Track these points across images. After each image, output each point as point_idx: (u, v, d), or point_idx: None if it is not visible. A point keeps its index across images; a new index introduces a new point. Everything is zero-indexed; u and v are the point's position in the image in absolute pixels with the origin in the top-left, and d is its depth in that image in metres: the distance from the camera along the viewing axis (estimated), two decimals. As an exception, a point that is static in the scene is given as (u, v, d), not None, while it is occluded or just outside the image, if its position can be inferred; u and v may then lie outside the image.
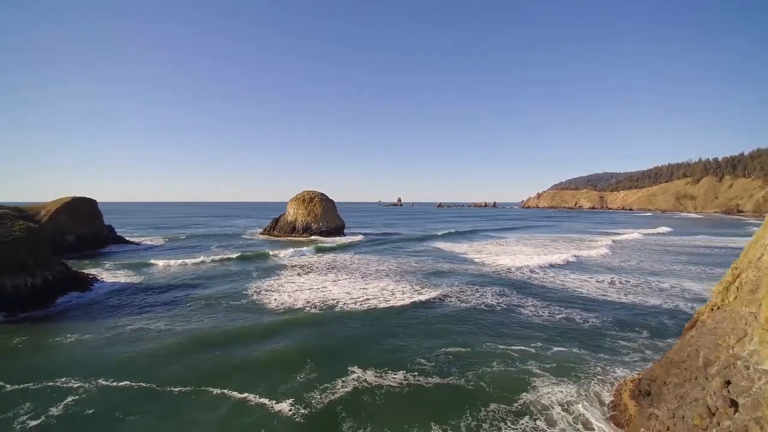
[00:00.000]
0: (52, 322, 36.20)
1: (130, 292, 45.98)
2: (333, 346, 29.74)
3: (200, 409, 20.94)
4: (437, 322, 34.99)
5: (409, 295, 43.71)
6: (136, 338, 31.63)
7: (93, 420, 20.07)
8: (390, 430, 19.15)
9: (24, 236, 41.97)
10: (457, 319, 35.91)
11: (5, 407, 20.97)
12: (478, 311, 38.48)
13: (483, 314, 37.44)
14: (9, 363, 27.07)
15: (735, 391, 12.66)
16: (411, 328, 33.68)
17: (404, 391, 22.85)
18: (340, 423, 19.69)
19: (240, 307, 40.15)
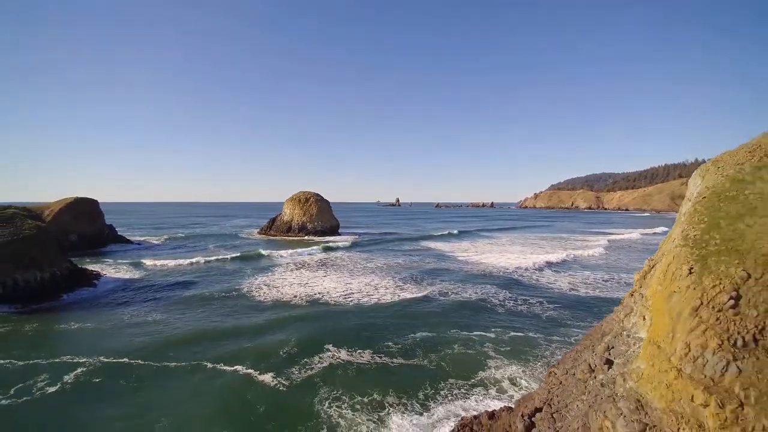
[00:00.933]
0: (59, 312, 39.52)
1: (131, 288, 49.29)
2: (314, 331, 33.12)
3: (195, 380, 24.45)
4: (411, 314, 38.35)
5: (391, 291, 47.06)
6: (136, 326, 35.02)
7: (101, 386, 23.75)
8: (357, 395, 22.59)
9: (33, 234, 45.32)
10: (430, 310, 39.31)
11: (25, 377, 24.55)
12: (451, 303, 41.86)
13: (454, 306, 40.82)
14: (24, 344, 30.55)
15: (614, 354, 16.01)
16: (386, 318, 37.06)
17: (372, 367, 26.27)
18: (316, 389, 23.20)
19: (233, 300, 43.53)
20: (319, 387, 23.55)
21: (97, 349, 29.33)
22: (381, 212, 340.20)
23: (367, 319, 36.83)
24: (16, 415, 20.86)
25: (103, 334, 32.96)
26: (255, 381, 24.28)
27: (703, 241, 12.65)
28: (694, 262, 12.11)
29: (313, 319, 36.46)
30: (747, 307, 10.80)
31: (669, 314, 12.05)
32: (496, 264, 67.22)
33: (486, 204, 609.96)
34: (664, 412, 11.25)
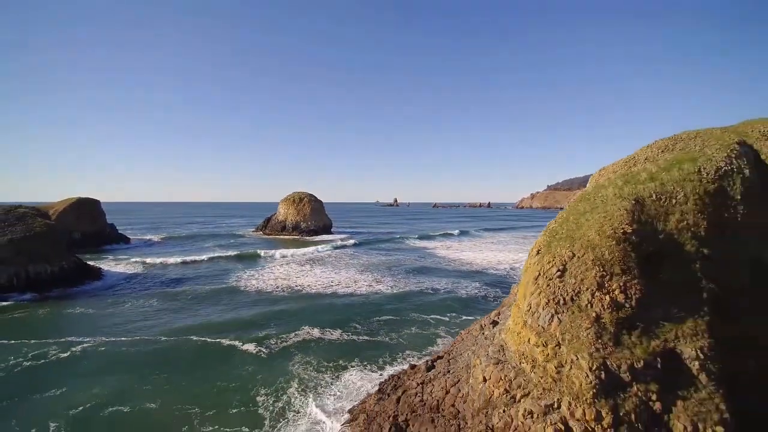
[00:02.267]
0: (67, 300, 43.90)
1: (131, 281, 53.66)
2: (292, 314, 37.64)
3: (185, 350, 29.02)
4: (381, 302, 42.80)
5: (367, 284, 51.53)
6: (134, 312, 39.49)
7: (104, 354, 28.63)
8: (325, 361, 27.18)
9: (44, 231, 49.73)
10: (398, 299, 43.78)
11: (40, 347, 29.36)
12: (419, 294, 46.35)
13: (421, 296, 45.34)
14: (37, 324, 35.18)
15: (501, 318, 20.47)
16: (358, 305, 41.57)
17: (341, 342, 30.80)
18: (291, 356, 27.78)
19: (223, 291, 48.00)
20: (294, 355, 28.11)
21: (101, 330, 33.89)
22: (378, 212, 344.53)
23: (341, 306, 41.31)
24: (35, 371, 25.70)
25: (105, 318, 37.42)
26: (239, 349, 28.93)
27: (555, 231, 17.17)
28: (543, 246, 16.64)
29: (292, 306, 40.95)
30: (569, 277, 15.33)
31: (524, 284, 16.56)
32: (472, 261, 71.65)
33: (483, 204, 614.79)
34: (514, 352, 15.78)
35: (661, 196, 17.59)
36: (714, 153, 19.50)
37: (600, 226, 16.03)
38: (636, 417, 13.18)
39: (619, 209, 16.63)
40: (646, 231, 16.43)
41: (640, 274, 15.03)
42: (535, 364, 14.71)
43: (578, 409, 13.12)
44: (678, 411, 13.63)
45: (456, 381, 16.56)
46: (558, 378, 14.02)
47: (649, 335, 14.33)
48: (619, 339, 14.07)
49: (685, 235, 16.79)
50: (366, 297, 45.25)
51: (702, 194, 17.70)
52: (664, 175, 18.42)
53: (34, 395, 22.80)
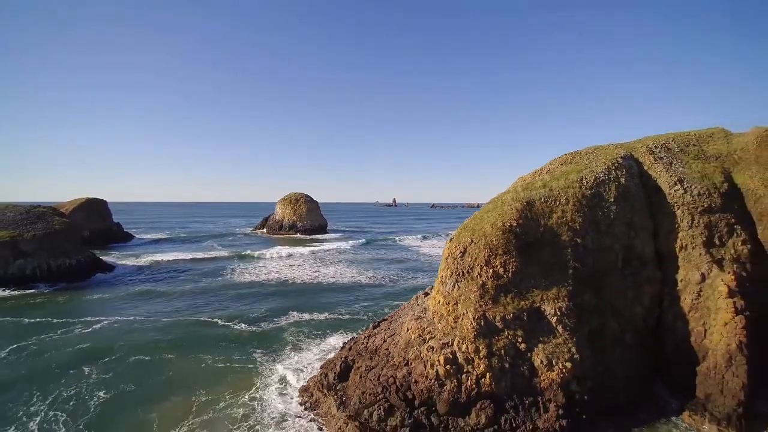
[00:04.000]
0: (84, 290, 49.81)
1: (139, 274, 59.59)
2: (283, 302, 43.52)
3: (191, 326, 35.00)
4: (361, 291, 48.78)
5: (351, 276, 57.54)
6: (142, 298, 45.50)
7: (120, 329, 34.70)
8: (314, 331, 33.37)
9: (62, 229, 55.68)
10: (377, 289, 49.82)
11: (65, 326, 35.30)
12: (396, 284, 52.40)
13: (397, 286, 51.38)
14: (60, 308, 41.19)
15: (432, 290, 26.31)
16: (343, 293, 47.54)
17: (327, 322, 36.55)
18: (283, 332, 33.56)
19: (221, 282, 54.01)
20: (285, 331, 33.97)
21: (115, 312, 39.91)
22: (375, 212, 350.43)
23: (326, 293, 47.37)
24: (64, 340, 31.71)
25: (118, 303, 43.42)
26: (237, 327, 34.90)
27: (466, 224, 23.13)
28: (455, 236, 22.58)
29: (282, 294, 46.95)
30: (467, 257, 21.27)
31: (441, 263, 22.49)
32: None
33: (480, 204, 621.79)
34: (431, 311, 21.72)
35: (548, 199, 23.53)
36: (597, 166, 25.48)
37: (494, 221, 21.96)
38: (505, 352, 19.14)
39: (512, 209, 22.56)
40: (531, 225, 22.36)
41: (518, 255, 20.96)
42: (441, 318, 20.65)
43: (464, 344, 19.05)
44: (538, 350, 19.61)
45: (392, 334, 22.47)
46: (454, 326, 19.97)
47: (520, 297, 20.28)
48: (497, 299, 20.01)
49: (563, 228, 22.75)
50: (349, 285, 51.34)
51: (580, 198, 23.66)
52: (553, 183, 24.37)
53: (66, 354, 28.76)
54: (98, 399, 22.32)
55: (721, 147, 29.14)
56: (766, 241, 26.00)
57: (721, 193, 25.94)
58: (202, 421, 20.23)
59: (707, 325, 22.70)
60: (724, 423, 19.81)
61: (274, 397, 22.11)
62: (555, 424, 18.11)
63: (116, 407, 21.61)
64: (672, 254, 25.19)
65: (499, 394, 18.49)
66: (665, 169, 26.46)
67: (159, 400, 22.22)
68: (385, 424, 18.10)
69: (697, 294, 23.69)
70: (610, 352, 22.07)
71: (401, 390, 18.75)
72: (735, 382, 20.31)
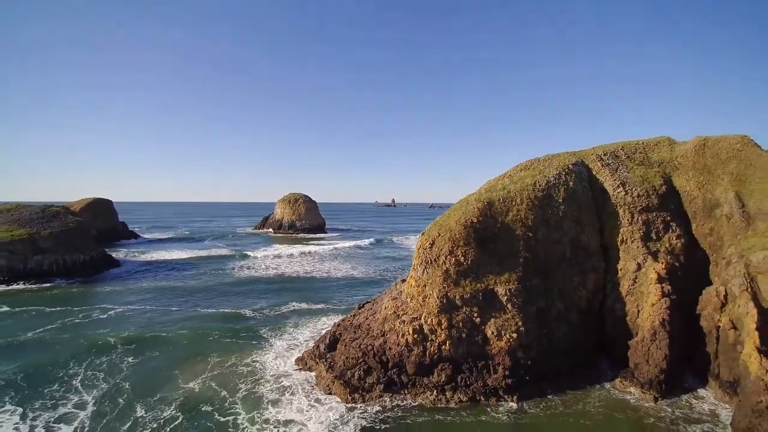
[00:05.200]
0: (97, 283, 53.96)
1: (145, 269, 63.67)
2: (283, 293, 47.70)
3: (197, 313, 39.17)
4: (356, 283, 52.98)
5: (344, 272, 61.78)
6: (150, 289, 49.74)
7: (134, 314, 39.01)
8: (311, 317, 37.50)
9: (76, 227, 59.84)
10: (369, 283, 54.01)
11: (84, 312, 39.53)
12: (386, 279, 56.50)
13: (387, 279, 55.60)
14: (76, 298, 45.42)
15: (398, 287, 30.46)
16: (338, 287, 51.82)
17: (322, 310, 40.66)
18: (284, 318, 37.63)
19: (224, 276, 58.24)
20: (285, 316, 38.14)
21: (128, 301, 44.18)
22: (374, 212, 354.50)
23: (322, 287, 51.68)
24: (86, 324, 35.90)
25: (129, 294, 47.63)
26: (241, 313, 39.07)
27: (436, 221, 27.33)
28: (427, 230, 26.79)
29: (282, 288, 51.14)
30: (435, 248, 25.46)
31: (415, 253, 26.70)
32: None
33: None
34: (405, 294, 25.91)
35: (506, 200, 27.72)
36: (550, 171, 29.70)
37: (459, 218, 26.15)
38: (463, 324, 23.33)
39: (474, 208, 26.75)
40: (490, 222, 26.54)
41: (476, 247, 25.13)
42: (412, 298, 24.84)
43: (429, 318, 23.24)
44: (490, 324, 23.80)
45: (373, 313, 26.65)
46: (423, 304, 24.16)
47: (477, 281, 24.47)
48: (458, 282, 24.19)
49: (517, 224, 26.95)
50: (343, 280, 55.66)
51: (533, 198, 27.87)
52: (511, 186, 28.58)
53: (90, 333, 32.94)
54: (127, 363, 26.68)
55: (665, 154, 33.39)
56: (699, 236, 30.26)
57: (659, 194, 30.19)
58: (215, 375, 24.84)
59: (640, 307, 26.91)
60: (646, 387, 23.87)
61: (274, 362, 26.40)
62: (502, 383, 22.30)
63: (144, 368, 26.10)
64: (615, 247, 29.41)
65: (457, 358, 22.69)
66: (611, 174, 30.69)
67: (179, 363, 26.81)
68: (364, 381, 22.29)
69: (633, 281, 27.91)
70: (556, 328, 26.21)
71: (377, 355, 22.95)
72: (658, 353, 24.45)
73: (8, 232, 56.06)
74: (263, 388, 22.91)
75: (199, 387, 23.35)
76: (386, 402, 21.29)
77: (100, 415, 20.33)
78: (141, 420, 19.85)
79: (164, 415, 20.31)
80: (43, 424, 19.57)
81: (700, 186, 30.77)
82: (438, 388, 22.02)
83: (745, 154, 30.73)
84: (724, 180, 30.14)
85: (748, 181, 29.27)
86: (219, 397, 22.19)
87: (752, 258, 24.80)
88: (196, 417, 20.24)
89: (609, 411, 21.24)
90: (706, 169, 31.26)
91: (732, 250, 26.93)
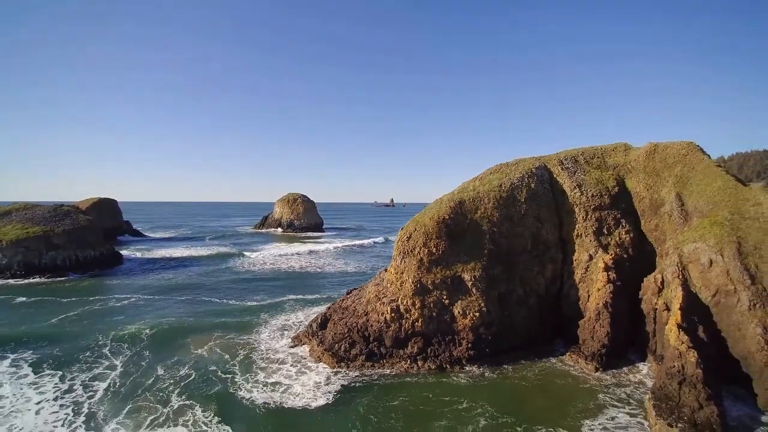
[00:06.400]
0: (108, 277, 58.00)
1: (151, 265, 67.72)
2: (279, 287, 51.78)
3: (200, 302, 43.23)
4: (348, 277, 57.10)
5: (339, 267, 66.06)
6: (158, 282, 53.88)
7: (145, 303, 43.10)
8: (306, 305, 41.50)
9: (87, 225, 63.81)
10: (360, 275, 58.17)
11: (101, 300, 43.64)
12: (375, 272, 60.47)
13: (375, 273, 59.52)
14: (93, 289, 49.48)
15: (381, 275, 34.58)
16: (331, 280, 55.90)
17: (316, 300, 44.72)
18: (281, 305, 41.74)
19: (224, 271, 62.36)
20: (282, 304, 42.29)
21: (139, 291, 48.33)
22: (372, 212, 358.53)
23: (316, 280, 55.75)
24: (105, 311, 39.89)
25: (139, 286, 51.73)
26: (241, 303, 43.12)
27: (414, 218, 31.41)
28: (406, 225, 30.89)
29: (280, 281, 55.25)
30: (411, 240, 29.58)
31: (395, 246, 30.79)
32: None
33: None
34: (386, 280, 30.01)
35: (475, 200, 31.83)
36: (514, 174, 33.84)
37: (433, 215, 30.25)
38: (433, 305, 27.45)
39: (447, 206, 30.84)
40: (460, 218, 30.64)
41: (447, 240, 29.22)
42: (392, 283, 28.95)
43: (405, 300, 27.35)
44: (457, 305, 27.92)
45: (359, 297, 30.72)
46: (400, 288, 28.26)
47: (447, 268, 28.58)
48: (430, 269, 28.29)
49: (484, 221, 31.05)
50: (335, 273, 59.95)
51: (498, 198, 31.98)
52: (480, 188, 32.70)
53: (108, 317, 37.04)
54: (146, 335, 31.41)
55: (620, 158, 37.53)
56: (647, 231, 34.42)
57: (611, 194, 34.33)
58: (219, 344, 29.77)
59: (589, 292, 31.08)
60: (590, 359, 27.92)
61: (272, 338, 30.62)
62: (465, 354, 26.42)
63: (160, 340, 30.83)
64: (571, 240, 33.56)
65: (428, 333, 26.81)
66: (569, 177, 34.82)
67: (189, 334, 32.10)
68: (349, 353, 26.38)
69: (585, 269, 32.08)
70: (516, 311, 30.32)
71: (361, 331, 27.06)
72: (601, 330, 28.55)
73: (24, 229, 60.01)
74: (258, 356, 27.35)
75: (206, 353, 27.93)
76: (367, 369, 25.37)
77: (128, 374, 24.67)
78: (161, 377, 24.24)
79: (180, 373, 24.81)
80: (80, 382, 23.70)
81: (649, 187, 34.91)
82: (411, 358, 26.12)
83: (689, 159, 34.87)
84: (669, 182, 34.28)
85: (689, 183, 33.41)
86: (222, 359, 26.87)
87: (684, 249, 28.98)
88: (204, 375, 24.62)
89: (551, 377, 25.34)
90: (655, 172, 35.39)
91: (670, 243, 31.15)
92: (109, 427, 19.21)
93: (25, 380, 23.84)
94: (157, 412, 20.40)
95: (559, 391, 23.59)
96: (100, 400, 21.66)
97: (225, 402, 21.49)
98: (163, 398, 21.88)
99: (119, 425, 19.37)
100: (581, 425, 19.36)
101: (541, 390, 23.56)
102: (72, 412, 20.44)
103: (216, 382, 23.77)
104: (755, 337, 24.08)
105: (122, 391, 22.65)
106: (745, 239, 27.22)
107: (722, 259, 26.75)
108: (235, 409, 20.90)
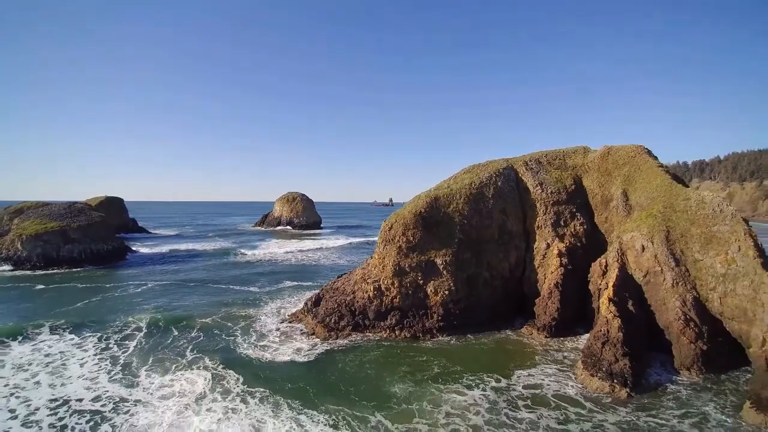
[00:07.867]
0: (121, 268, 63.06)
1: (158, 258, 72.80)
2: (277, 275, 56.90)
3: (208, 288, 48.35)
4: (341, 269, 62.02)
5: (333, 260, 71.17)
6: (169, 272, 58.94)
7: (160, 288, 48.22)
8: (301, 290, 46.46)
9: (100, 221, 68.78)
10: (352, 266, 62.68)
11: (116, 287, 48.63)
12: (372, 265, 65.79)
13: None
14: (110, 278, 54.57)
15: (386, 260, 39.73)
16: (325, 270, 60.95)
17: (311, 286, 49.65)
18: (279, 291, 46.83)
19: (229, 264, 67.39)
20: (281, 290, 47.40)
21: (151, 279, 53.40)
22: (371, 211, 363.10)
23: (311, 269, 60.97)
24: (123, 296, 44.90)
25: (150, 275, 56.87)
26: (244, 289, 48.20)
27: (396, 212, 36.47)
28: (389, 218, 35.98)
29: (279, 272, 60.30)
30: (392, 230, 34.64)
31: (378, 235, 35.89)
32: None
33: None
34: (371, 264, 35.12)
35: (448, 196, 36.88)
36: (484, 174, 38.90)
37: (411, 209, 35.31)
38: (410, 284, 32.55)
39: (423, 201, 35.88)
40: (435, 212, 35.68)
41: (422, 230, 34.24)
42: (375, 267, 34.04)
43: (386, 280, 32.44)
44: (430, 284, 33.00)
45: (348, 279, 35.84)
46: (382, 270, 33.34)
47: (422, 254, 33.64)
48: (407, 254, 33.36)
49: (455, 214, 36.11)
50: (329, 265, 65.10)
51: (468, 195, 37.04)
52: (453, 186, 37.77)
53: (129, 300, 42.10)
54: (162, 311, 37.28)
55: (579, 160, 42.62)
56: (599, 223, 39.52)
57: (568, 191, 39.40)
58: (223, 317, 35.30)
59: (545, 275, 36.19)
60: (541, 330, 32.92)
61: (270, 314, 35.93)
62: (436, 325, 31.53)
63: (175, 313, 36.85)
64: (533, 231, 38.64)
65: (405, 307, 31.92)
66: (532, 176, 39.92)
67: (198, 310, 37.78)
68: (338, 324, 31.48)
69: (543, 256, 37.20)
70: (483, 290, 35.41)
71: (348, 306, 32.18)
72: (552, 306, 33.63)
73: (42, 224, 64.99)
74: (257, 326, 32.88)
75: (212, 323, 33.73)
76: (352, 338, 30.48)
77: (151, 335, 30.78)
78: (177, 337, 30.32)
79: (191, 335, 30.79)
80: (114, 341, 29.37)
81: (601, 185, 40.01)
82: (390, 328, 31.23)
83: (636, 160, 39.95)
84: (618, 180, 39.36)
85: (634, 181, 38.51)
86: (226, 327, 32.86)
87: (624, 237, 34.07)
88: (211, 337, 30.43)
89: (505, 344, 30.44)
90: (607, 171, 40.47)
91: (615, 233, 36.31)
92: (142, 371, 24.57)
93: (70, 342, 29.11)
94: (177, 362, 25.97)
95: (507, 353, 28.70)
96: (132, 354, 27.28)
97: (227, 355, 27.15)
98: (180, 352, 27.60)
99: (149, 370, 24.66)
100: (513, 373, 24.46)
101: (493, 352, 28.67)
102: (110, 363, 25.64)
103: (220, 342, 29.44)
104: (675, 309, 29.16)
105: (147, 348, 28.40)
106: (674, 228, 32.27)
107: (652, 245, 31.84)
108: (235, 360, 26.41)
